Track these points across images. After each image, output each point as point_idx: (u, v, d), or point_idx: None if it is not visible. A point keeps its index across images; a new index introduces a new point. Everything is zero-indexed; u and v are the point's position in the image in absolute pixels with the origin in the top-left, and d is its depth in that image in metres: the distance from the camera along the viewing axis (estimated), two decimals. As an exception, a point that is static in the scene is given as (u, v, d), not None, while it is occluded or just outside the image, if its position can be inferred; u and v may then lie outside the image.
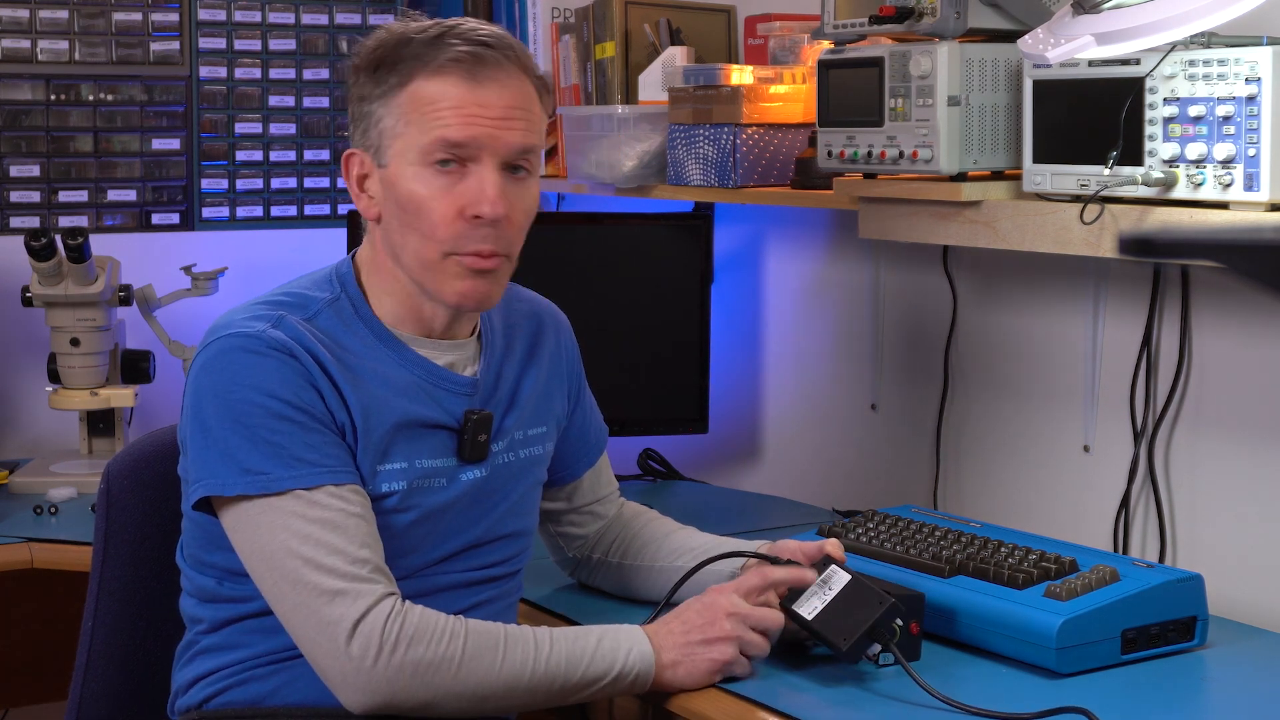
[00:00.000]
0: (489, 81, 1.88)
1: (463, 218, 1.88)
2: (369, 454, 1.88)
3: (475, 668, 1.80)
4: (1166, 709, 1.86)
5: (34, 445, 3.30)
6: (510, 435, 2.02)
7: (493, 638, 1.82)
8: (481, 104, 1.87)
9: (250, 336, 1.85)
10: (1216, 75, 1.95)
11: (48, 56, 3.30)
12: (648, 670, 1.85)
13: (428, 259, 1.90)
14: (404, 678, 1.77)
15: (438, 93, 1.87)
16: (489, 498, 1.99)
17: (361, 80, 1.92)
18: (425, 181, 1.88)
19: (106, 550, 2.16)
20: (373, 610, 1.78)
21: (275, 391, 1.83)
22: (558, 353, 2.14)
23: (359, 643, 1.76)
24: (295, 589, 1.79)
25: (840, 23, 2.34)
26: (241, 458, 1.82)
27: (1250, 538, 2.26)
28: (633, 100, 2.97)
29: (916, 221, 2.35)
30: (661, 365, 3.04)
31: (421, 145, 1.87)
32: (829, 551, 1.99)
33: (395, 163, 1.89)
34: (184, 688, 1.97)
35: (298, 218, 3.54)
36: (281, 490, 1.81)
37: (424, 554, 1.93)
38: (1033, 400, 2.57)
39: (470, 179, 1.88)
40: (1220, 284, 2.26)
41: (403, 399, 1.92)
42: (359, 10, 3.56)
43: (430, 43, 1.89)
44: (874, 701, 1.86)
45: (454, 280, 1.90)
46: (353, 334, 1.93)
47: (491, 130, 1.88)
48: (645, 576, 2.18)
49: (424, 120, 1.87)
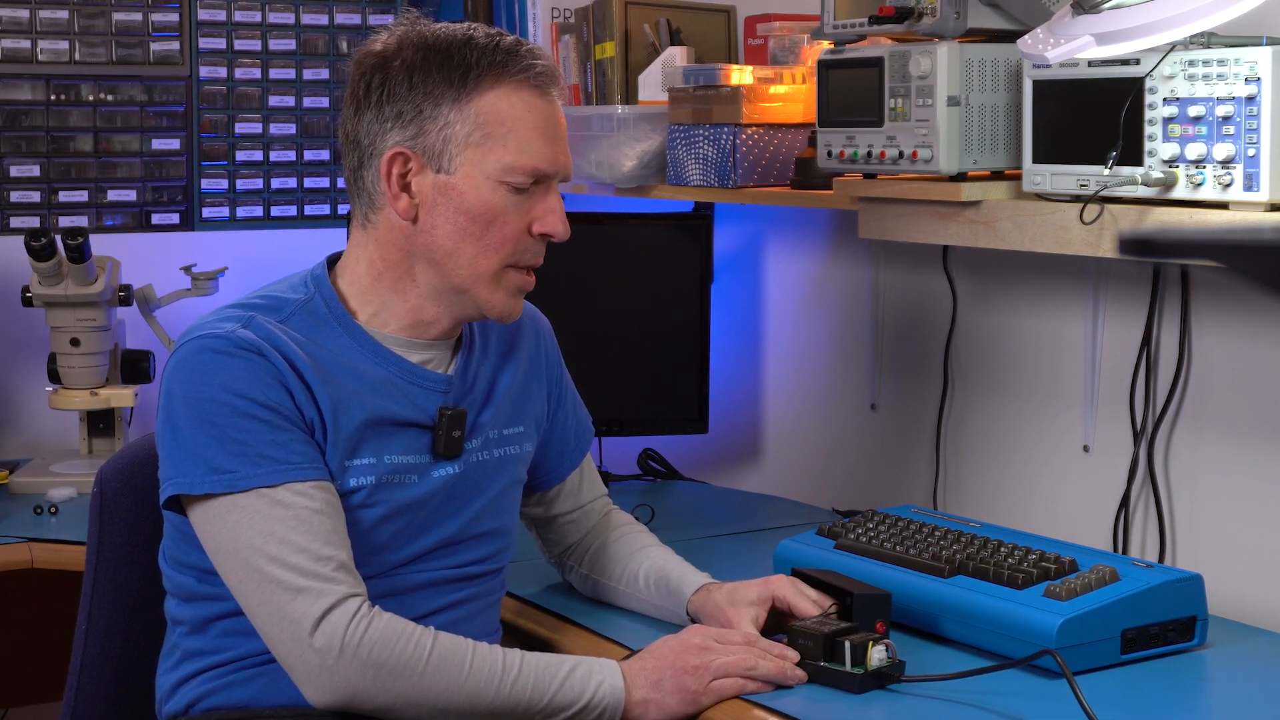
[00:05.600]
0: (554, 102, 1.94)
1: (530, 234, 1.93)
2: (338, 450, 1.89)
3: (439, 677, 1.80)
4: (1166, 709, 1.86)
5: (34, 445, 3.30)
6: (486, 433, 2.02)
7: (460, 652, 1.82)
8: (552, 124, 1.93)
9: (218, 337, 1.86)
10: (1216, 75, 1.95)
11: (48, 56, 3.30)
12: (617, 704, 1.84)
13: (485, 269, 1.92)
14: (365, 680, 1.77)
15: (520, 111, 1.90)
16: (463, 495, 1.99)
17: (415, 77, 1.88)
18: (502, 196, 1.90)
19: (100, 553, 2.16)
20: (336, 608, 1.78)
21: (242, 390, 1.84)
22: (537, 353, 2.14)
23: (321, 639, 1.77)
24: (260, 586, 1.80)
25: (840, 23, 2.34)
26: (209, 456, 1.83)
27: (1250, 538, 2.26)
28: (633, 100, 2.97)
29: (916, 221, 2.35)
30: (661, 365, 3.04)
31: (510, 164, 1.89)
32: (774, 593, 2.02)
33: (466, 171, 1.89)
34: (169, 693, 1.97)
35: (298, 218, 3.54)
36: (247, 488, 1.82)
37: (396, 551, 1.93)
38: (1033, 400, 2.57)
39: (540, 198, 1.94)
40: (1220, 284, 2.26)
41: (375, 395, 1.92)
42: (359, 10, 3.56)
43: (508, 52, 1.90)
44: (874, 701, 1.86)
45: (504, 294, 1.94)
46: (326, 333, 1.93)
47: (563, 156, 1.95)
48: (612, 594, 2.20)
49: (510, 138, 1.89)
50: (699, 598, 2.06)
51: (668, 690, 1.86)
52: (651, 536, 2.23)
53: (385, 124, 1.90)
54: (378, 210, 1.94)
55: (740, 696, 1.86)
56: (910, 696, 1.86)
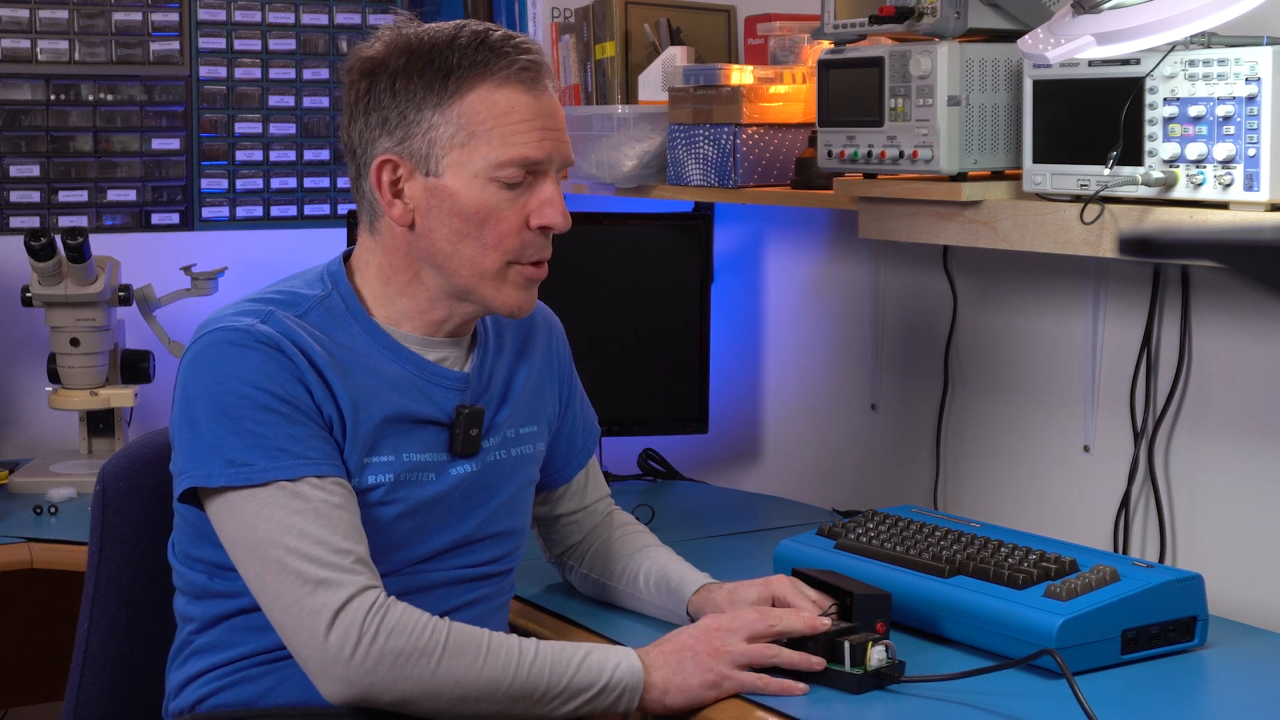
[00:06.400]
0: (544, 94, 1.90)
1: (529, 228, 1.91)
2: (357, 447, 1.88)
3: (455, 665, 1.79)
4: (1166, 709, 1.86)
5: (34, 445, 3.30)
6: (503, 432, 2.03)
7: (475, 638, 1.82)
8: (544, 116, 1.89)
9: (238, 330, 1.85)
10: (1216, 75, 1.95)
11: (48, 56, 3.30)
12: (636, 685, 1.84)
13: (488, 268, 1.91)
14: (382, 669, 1.77)
15: (507, 106, 1.87)
16: (480, 494, 1.99)
17: (398, 83, 1.88)
18: (494, 193, 1.89)
19: (102, 552, 2.16)
20: (353, 601, 1.77)
21: (260, 383, 1.83)
22: (549, 352, 2.14)
23: (338, 633, 1.76)
24: (277, 579, 1.79)
25: (840, 23, 2.34)
26: (226, 449, 1.82)
27: (1250, 538, 2.26)
28: (633, 100, 2.97)
29: (916, 221, 2.35)
30: (661, 365, 3.04)
31: (497, 159, 1.87)
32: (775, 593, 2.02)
33: (454, 172, 1.88)
34: (176, 690, 1.97)
35: (298, 218, 3.54)
36: (265, 481, 1.81)
37: (412, 549, 1.93)
38: (1033, 400, 2.57)
39: (537, 191, 1.91)
40: (1220, 284, 2.26)
41: (393, 393, 1.92)
42: (359, 10, 3.56)
43: (493, 50, 1.87)
44: (874, 701, 1.86)
45: (513, 290, 1.93)
46: (343, 330, 1.93)
47: (557, 145, 1.91)
48: (612, 593, 2.20)
49: (494, 134, 1.87)
50: (699, 598, 2.06)
51: (689, 672, 1.86)
52: (652, 537, 2.24)
53: (374, 131, 1.91)
54: (380, 217, 1.94)
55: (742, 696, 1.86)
56: (910, 697, 1.86)
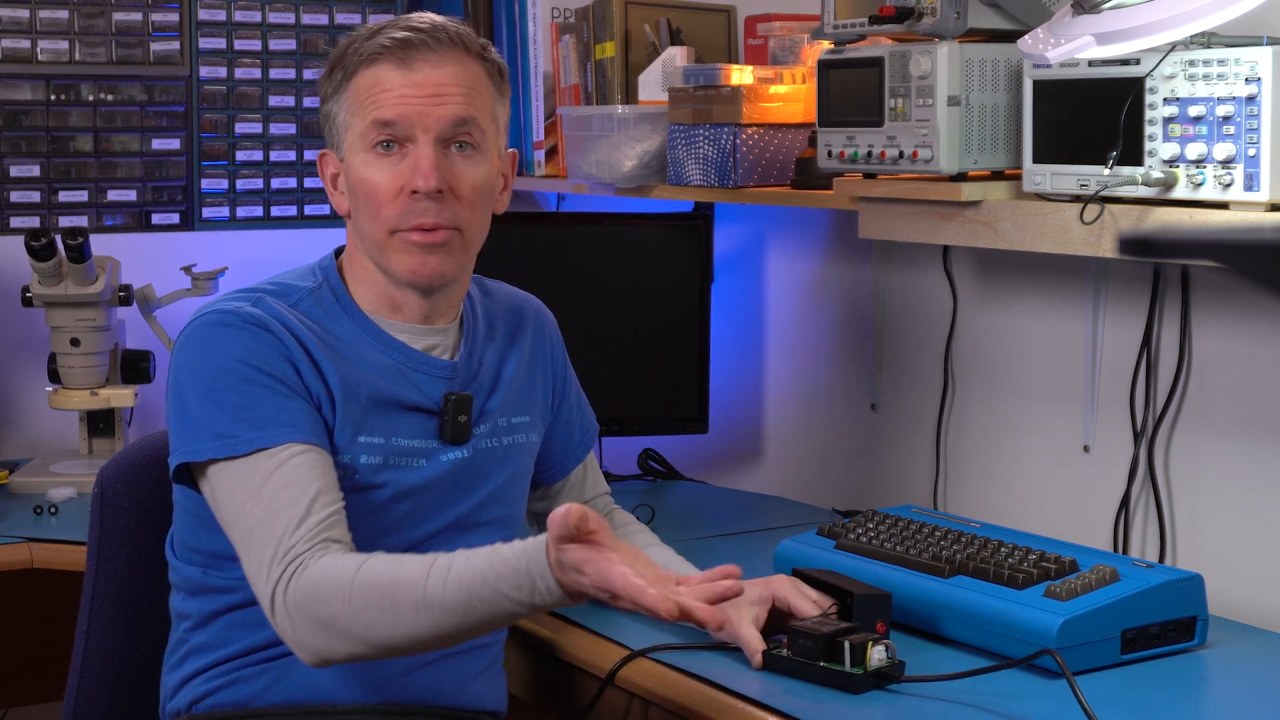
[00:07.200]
0: (419, 62, 1.94)
1: (404, 195, 1.93)
2: (349, 424, 1.91)
3: (368, 621, 1.73)
4: (1166, 709, 1.86)
5: (34, 445, 3.30)
6: (494, 419, 2.04)
7: (389, 561, 1.76)
8: (412, 84, 1.93)
9: (226, 313, 1.91)
10: (1216, 75, 1.95)
11: (48, 56, 3.30)
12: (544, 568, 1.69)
13: (378, 239, 1.95)
14: (320, 638, 1.76)
15: (373, 80, 1.94)
16: (471, 480, 2.01)
17: (321, 84, 2.01)
18: (370, 165, 1.94)
19: (100, 553, 2.16)
20: (284, 575, 1.77)
21: (246, 359, 1.87)
22: (540, 344, 2.15)
23: (280, 610, 1.78)
24: (248, 550, 1.82)
25: (840, 23, 2.34)
26: (214, 424, 1.85)
27: (1250, 538, 2.26)
28: (633, 100, 2.97)
29: (916, 221, 2.35)
30: (661, 365, 3.04)
31: (361, 130, 1.94)
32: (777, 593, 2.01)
33: (349, 154, 1.97)
34: (173, 690, 1.97)
35: (298, 218, 3.54)
36: (250, 451, 1.83)
37: (404, 534, 1.94)
38: (1033, 400, 2.57)
39: (409, 157, 1.93)
40: (1220, 284, 2.26)
41: (381, 380, 1.95)
42: (359, 10, 3.56)
43: (368, 37, 1.96)
44: (874, 701, 1.86)
45: (402, 256, 1.95)
46: (333, 320, 1.97)
47: (422, 107, 1.93)
48: None
49: (363, 108, 1.94)
50: None
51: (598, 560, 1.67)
52: (653, 536, 2.24)
53: (323, 132, 2.04)
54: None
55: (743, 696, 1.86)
56: (910, 697, 1.86)
